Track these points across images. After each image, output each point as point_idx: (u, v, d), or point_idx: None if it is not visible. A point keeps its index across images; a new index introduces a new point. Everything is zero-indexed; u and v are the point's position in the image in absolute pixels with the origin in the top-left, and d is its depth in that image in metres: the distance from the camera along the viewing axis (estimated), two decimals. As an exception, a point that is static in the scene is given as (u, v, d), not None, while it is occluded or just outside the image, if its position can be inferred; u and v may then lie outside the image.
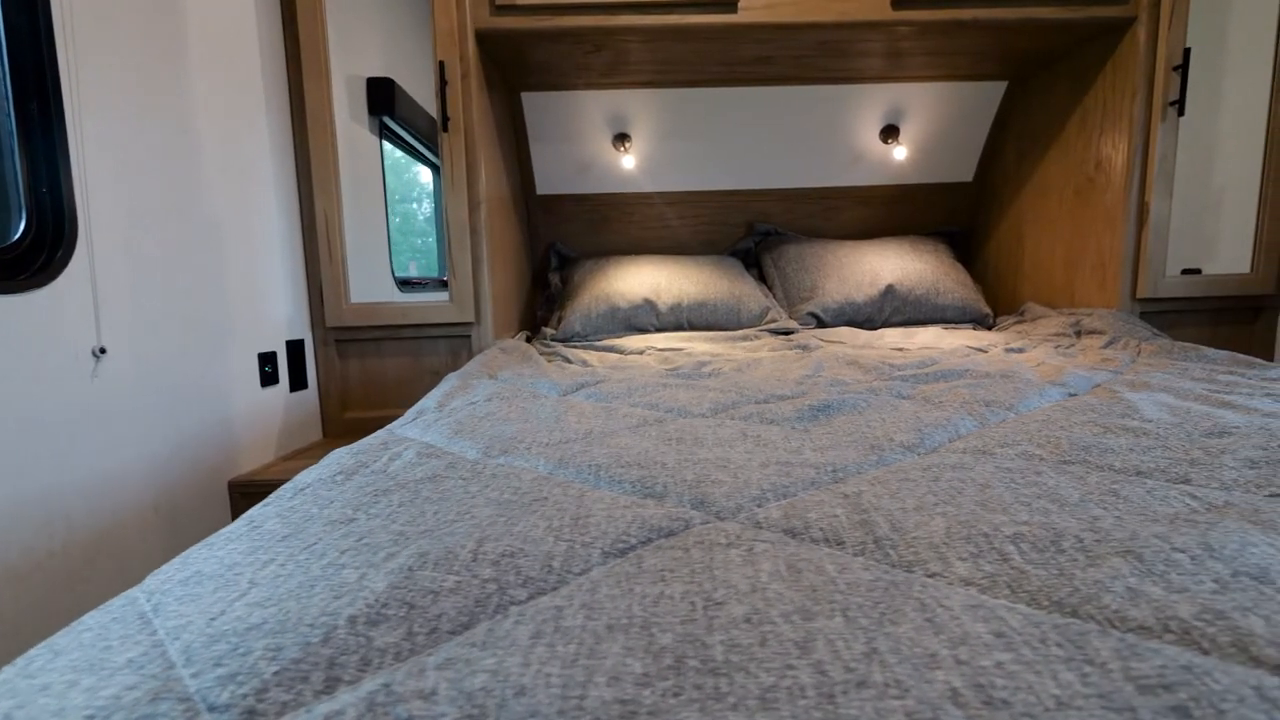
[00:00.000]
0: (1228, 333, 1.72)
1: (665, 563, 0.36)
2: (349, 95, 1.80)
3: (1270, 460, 0.55)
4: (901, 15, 1.55)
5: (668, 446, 0.65)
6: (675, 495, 0.49)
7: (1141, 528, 0.40)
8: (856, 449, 0.64)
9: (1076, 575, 0.34)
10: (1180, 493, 0.48)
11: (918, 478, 0.52)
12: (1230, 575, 0.34)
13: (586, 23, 1.52)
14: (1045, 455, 0.60)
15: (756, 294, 2.03)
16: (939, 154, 2.20)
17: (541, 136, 2.08)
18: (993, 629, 0.29)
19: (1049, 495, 0.47)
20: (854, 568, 0.35)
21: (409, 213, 2.20)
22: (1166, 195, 1.59)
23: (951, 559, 0.36)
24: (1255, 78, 1.64)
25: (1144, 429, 0.67)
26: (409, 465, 0.60)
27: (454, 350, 1.62)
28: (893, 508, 0.44)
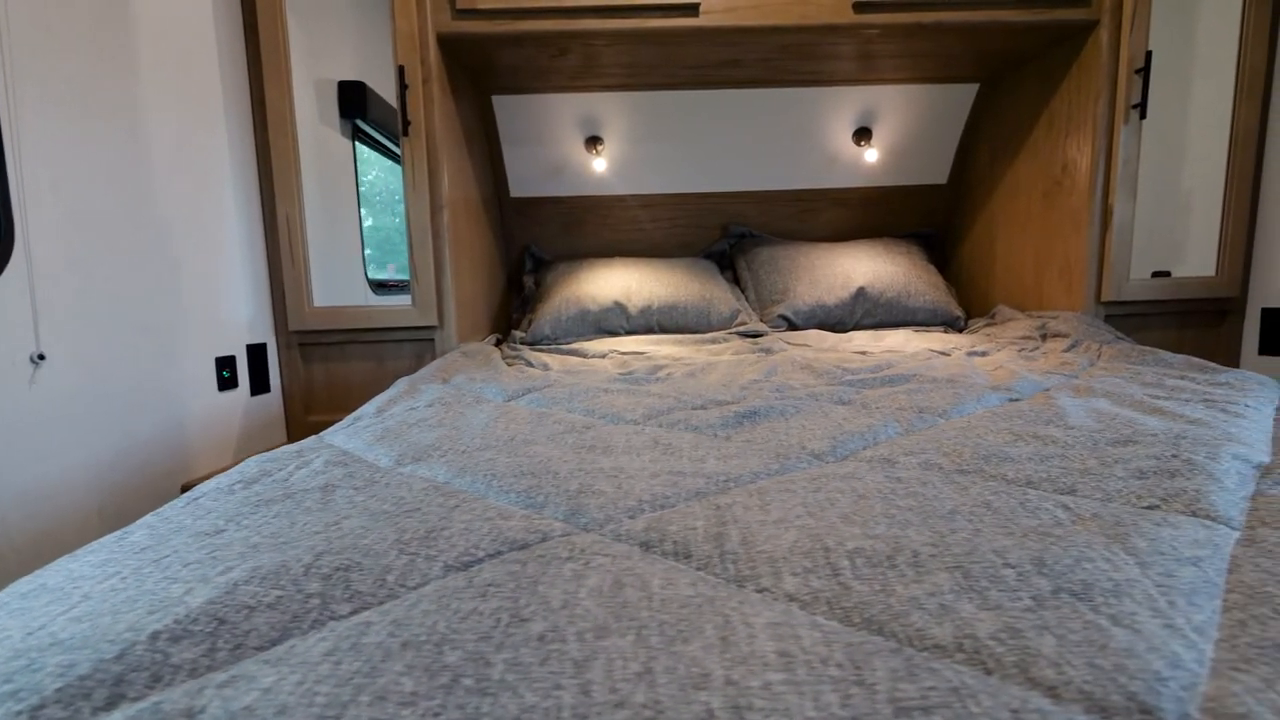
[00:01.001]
0: (1194, 335, 1.71)
1: (498, 577, 0.36)
2: (318, 99, 1.80)
3: (1160, 470, 0.54)
4: (862, 18, 1.55)
5: (575, 455, 0.65)
6: (553, 506, 0.49)
7: (988, 541, 0.40)
8: (762, 457, 0.64)
9: (897, 591, 0.34)
10: (1056, 504, 0.48)
11: (803, 488, 0.52)
12: (1051, 592, 0.34)
13: (548, 27, 1.52)
14: (945, 464, 0.60)
15: (727, 297, 2.03)
16: (913, 156, 2.20)
17: (514, 139, 2.08)
18: (781, 648, 0.29)
19: (920, 507, 0.47)
20: (681, 583, 0.35)
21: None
22: (1130, 198, 1.59)
23: (784, 574, 0.36)
24: (1222, 81, 1.64)
25: (1056, 437, 0.67)
26: (311, 474, 0.60)
27: (418, 353, 1.62)
28: (754, 520, 0.44)
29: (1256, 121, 1.57)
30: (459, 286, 1.64)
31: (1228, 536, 0.43)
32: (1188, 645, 0.30)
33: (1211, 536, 0.42)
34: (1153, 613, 0.32)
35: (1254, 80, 1.56)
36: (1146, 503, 0.49)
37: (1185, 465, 0.55)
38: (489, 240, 2.04)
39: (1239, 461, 0.57)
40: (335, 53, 1.89)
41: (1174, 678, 0.27)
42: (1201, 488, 0.50)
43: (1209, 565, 0.38)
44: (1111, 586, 0.34)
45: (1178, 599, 0.34)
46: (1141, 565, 0.37)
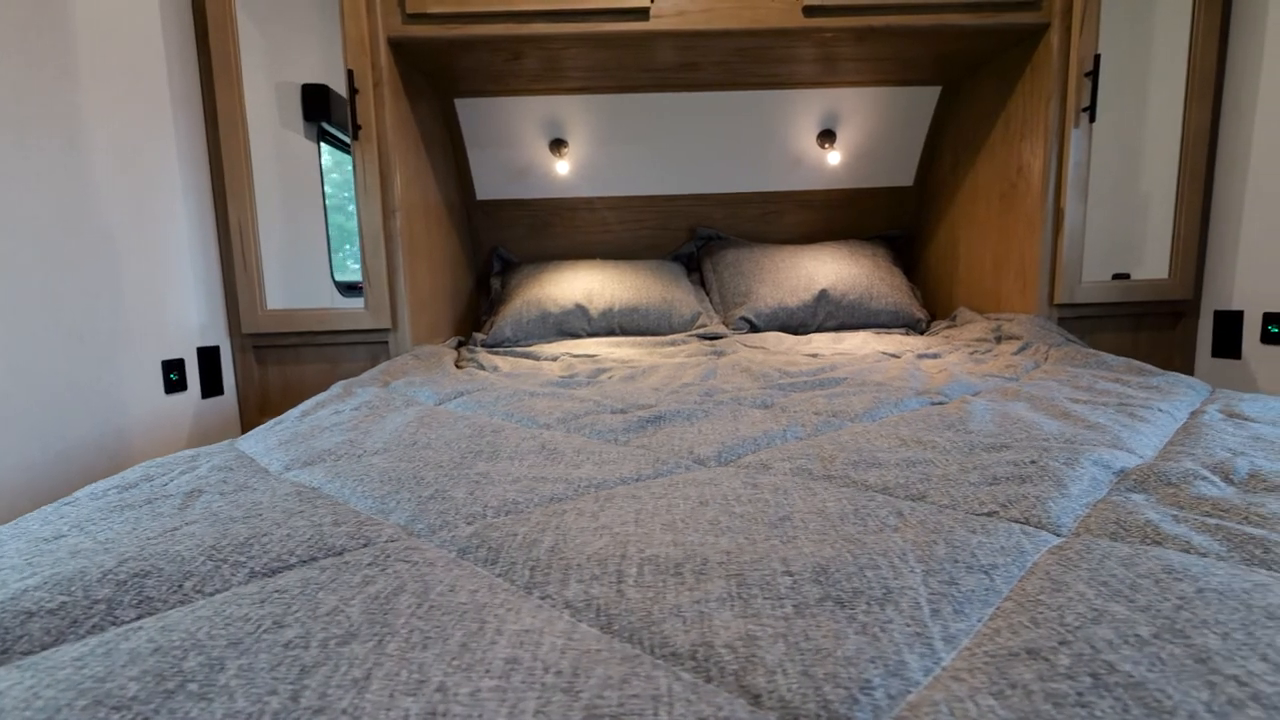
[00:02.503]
0: (1149, 338, 1.72)
1: (291, 584, 0.37)
2: (280, 102, 1.80)
3: (1013, 476, 0.55)
4: (813, 23, 1.56)
5: (458, 459, 0.65)
6: (400, 511, 0.50)
7: (789, 549, 0.40)
8: (641, 463, 0.64)
9: (665, 599, 0.34)
10: (893, 510, 0.48)
11: (652, 494, 0.53)
12: (817, 600, 0.34)
13: (498, 31, 1.53)
14: (815, 470, 0.60)
15: (689, 299, 2.03)
16: (878, 158, 2.20)
17: (478, 142, 2.09)
18: (512, 655, 0.29)
19: (754, 514, 0.47)
20: (465, 590, 0.36)
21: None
22: (1081, 201, 1.59)
23: (571, 581, 0.37)
24: (1177, 84, 1.64)
25: (939, 443, 0.68)
26: (191, 479, 0.61)
27: (373, 356, 1.63)
28: (576, 527, 0.45)
29: (1207, 125, 1.58)
30: (414, 289, 1.65)
31: (1045, 543, 0.44)
32: (924, 654, 0.30)
33: (1023, 543, 0.43)
34: (909, 621, 0.33)
35: (1204, 84, 1.56)
36: (987, 509, 0.50)
37: (1039, 471, 0.55)
38: (453, 243, 2.05)
39: (1099, 467, 0.58)
40: (298, 56, 1.89)
41: (884, 687, 0.28)
42: (1043, 494, 0.51)
43: (1001, 573, 0.39)
44: (882, 594, 0.35)
45: (945, 607, 0.34)
46: (928, 573, 0.37)
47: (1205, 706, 0.26)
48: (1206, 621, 0.32)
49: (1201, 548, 0.41)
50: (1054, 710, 0.26)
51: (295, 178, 1.87)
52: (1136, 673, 0.28)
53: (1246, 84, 1.53)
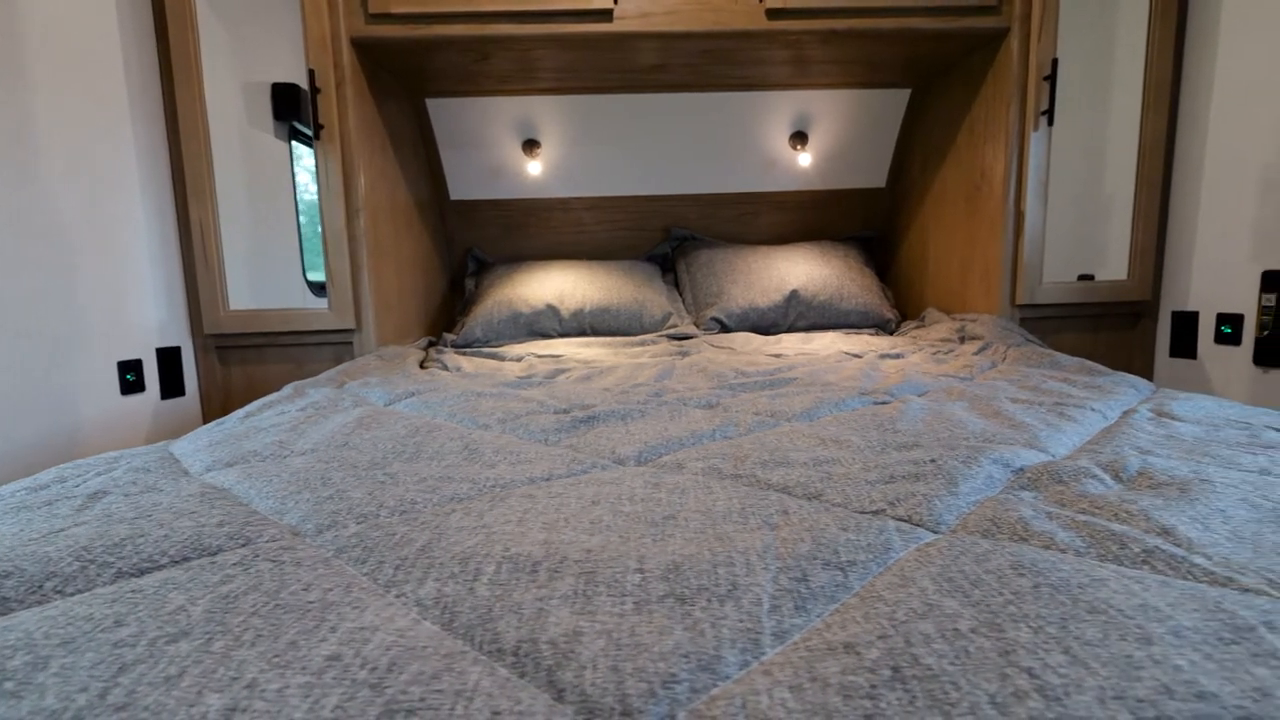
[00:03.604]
0: (1109, 338, 1.73)
1: (150, 584, 0.38)
2: (248, 102, 1.80)
3: (910, 475, 0.56)
4: (776, 25, 1.57)
5: (374, 460, 0.66)
6: (295, 512, 0.51)
7: (655, 546, 0.41)
8: (558, 462, 0.65)
9: (511, 597, 0.35)
10: (781, 509, 0.49)
11: (557, 493, 0.53)
12: (659, 596, 0.35)
13: (462, 31, 1.53)
14: (725, 469, 0.61)
15: (661, 300, 2.04)
16: (851, 160, 2.21)
17: (451, 143, 2.09)
18: (336, 652, 0.30)
19: (639, 514, 0.48)
20: (319, 589, 0.37)
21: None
22: (1041, 204, 1.61)
23: (430, 580, 0.38)
24: (1136, 90, 1.65)
25: (855, 443, 0.68)
26: (104, 480, 0.61)
27: (338, 357, 1.63)
28: (459, 526, 0.45)
29: (1163, 132, 1.59)
30: (380, 289, 1.65)
31: (918, 541, 0.44)
32: (746, 650, 0.31)
33: (893, 541, 0.43)
34: (743, 617, 0.33)
35: (1160, 91, 1.57)
36: (874, 507, 0.50)
37: (935, 470, 0.56)
38: (424, 243, 2.05)
39: (998, 466, 0.59)
40: (268, 55, 1.89)
41: (690, 681, 0.28)
42: (931, 493, 0.51)
43: (858, 570, 0.39)
44: (726, 591, 0.36)
45: (786, 604, 0.35)
46: (782, 570, 0.38)
47: (989, 698, 0.27)
48: (1027, 616, 0.32)
49: (1063, 544, 0.42)
50: (842, 702, 0.27)
51: (265, 177, 1.87)
52: (937, 666, 0.29)
53: (1200, 93, 1.54)
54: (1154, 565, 0.39)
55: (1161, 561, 0.39)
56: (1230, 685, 0.27)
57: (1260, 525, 0.44)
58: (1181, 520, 0.44)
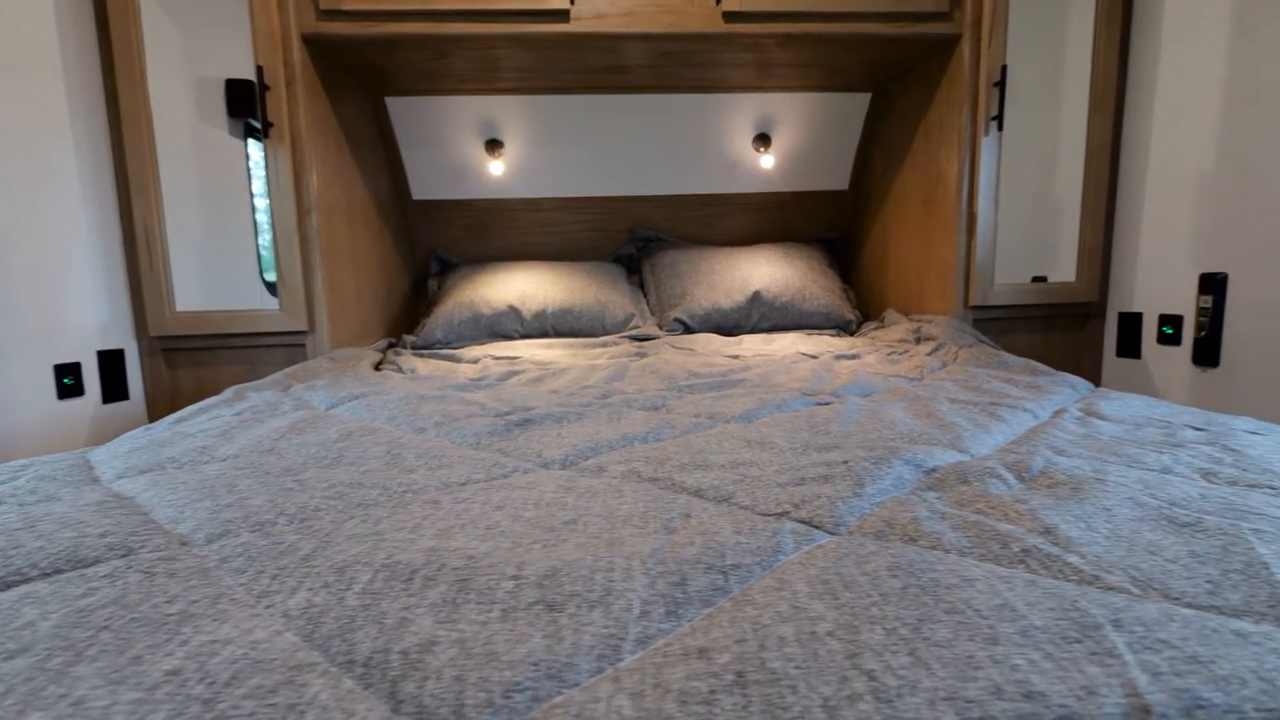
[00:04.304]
0: (1060, 338, 1.77)
1: (10, 598, 0.36)
2: (199, 98, 1.76)
3: (820, 476, 0.56)
4: (733, 28, 1.57)
5: (292, 466, 0.65)
6: (189, 521, 0.50)
7: (543, 551, 0.41)
8: (479, 466, 0.64)
9: (380, 606, 0.35)
10: (683, 513, 0.49)
11: (465, 498, 0.53)
12: (529, 604, 0.35)
13: (416, 30, 1.52)
14: (643, 472, 0.61)
15: (624, 301, 2.04)
16: (814, 162, 2.23)
17: (412, 142, 2.07)
18: (178, 667, 0.29)
19: (542, 518, 0.48)
20: (184, 600, 0.36)
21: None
22: (992, 207, 1.63)
23: (304, 589, 0.37)
24: (1084, 95, 1.69)
25: (779, 444, 0.69)
26: (5, 489, 0.59)
27: (291, 359, 1.60)
28: (350, 534, 0.45)
29: (1109, 136, 1.63)
30: (334, 290, 1.62)
31: (812, 543, 0.45)
32: (603, 657, 0.31)
33: (785, 544, 0.44)
34: (609, 624, 0.33)
35: (1105, 96, 1.61)
36: (779, 510, 0.51)
37: (845, 471, 0.56)
38: (385, 243, 2.03)
39: (909, 467, 0.59)
40: (221, 51, 1.85)
41: (534, 690, 0.28)
42: (836, 495, 0.52)
43: (741, 574, 0.39)
44: (599, 597, 0.35)
45: (658, 609, 0.35)
46: (662, 574, 0.38)
47: (823, 702, 0.27)
48: (886, 617, 0.33)
49: (948, 544, 0.43)
50: (678, 709, 0.27)
51: (219, 175, 1.83)
52: (782, 669, 0.29)
53: (1143, 99, 1.58)
54: (1029, 564, 0.40)
55: (1036, 561, 0.40)
56: (1060, 685, 0.27)
57: (1140, 524, 0.45)
58: (1065, 519, 0.45)
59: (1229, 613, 0.34)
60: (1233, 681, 0.28)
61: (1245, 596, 0.35)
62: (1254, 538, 0.42)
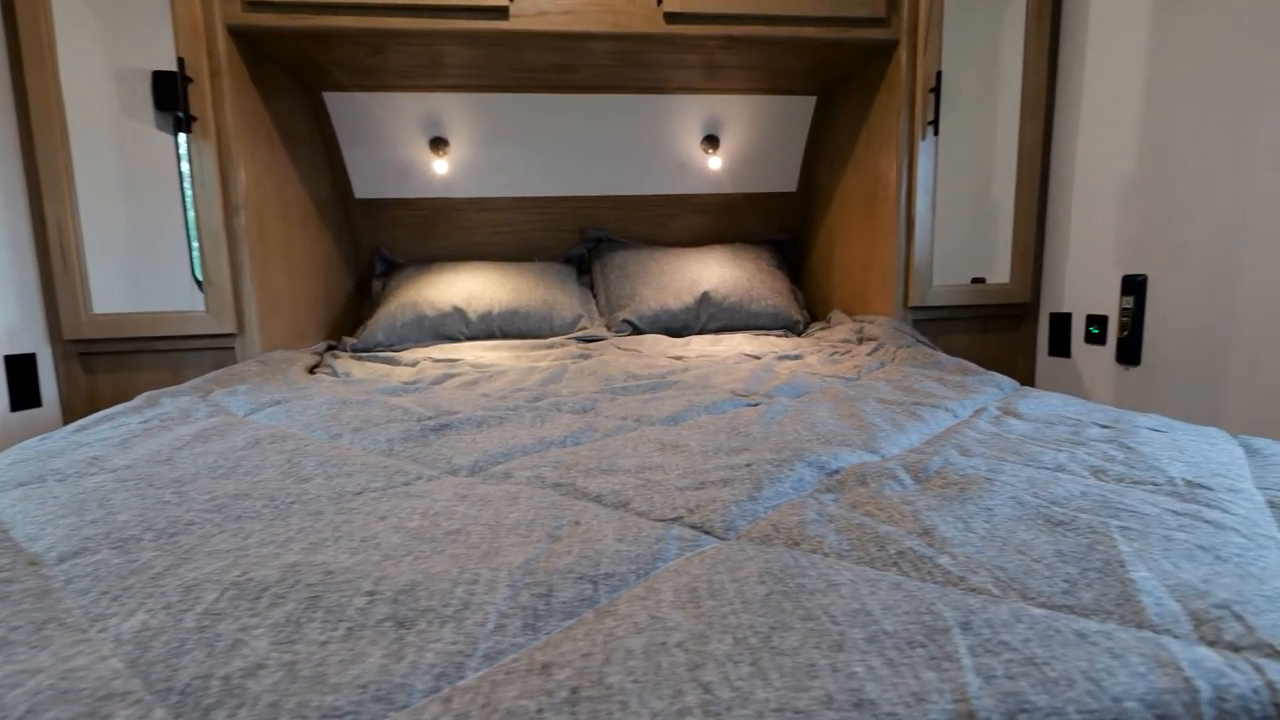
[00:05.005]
0: (996, 338, 1.82)
1: None
2: (122, 90, 1.68)
3: (722, 480, 0.56)
4: (675, 29, 1.57)
5: (182, 477, 0.62)
6: (47, 539, 0.46)
7: (411, 563, 0.39)
8: (380, 474, 0.62)
9: (218, 628, 0.33)
10: (573, 520, 0.48)
11: (351, 509, 0.51)
12: (379, 620, 0.33)
13: (350, 24, 1.47)
14: (548, 478, 0.60)
15: (572, 302, 2.02)
16: (762, 164, 2.25)
17: (353, 139, 2.02)
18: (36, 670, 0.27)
19: (424, 529, 0.46)
20: (7, 625, 0.33)
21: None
22: (930, 210, 1.67)
23: (141, 611, 0.35)
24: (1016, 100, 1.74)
25: (691, 447, 0.68)
26: None
27: (220, 363, 1.54)
28: (219, 548, 0.43)
29: (1040, 141, 1.68)
30: (266, 291, 1.57)
31: (697, 549, 0.44)
32: (444, 675, 0.30)
33: (666, 551, 0.43)
34: (458, 640, 0.32)
35: (1036, 101, 1.66)
36: (673, 515, 0.50)
37: (745, 474, 0.56)
38: (325, 242, 1.97)
39: (812, 469, 0.60)
40: (147, 41, 1.77)
41: (353, 715, 0.27)
42: (731, 499, 0.52)
43: (613, 583, 0.39)
44: (455, 611, 0.34)
45: (515, 622, 0.34)
46: (528, 585, 0.37)
47: (651, 717, 0.26)
48: (740, 626, 0.32)
49: (829, 547, 0.43)
50: (499, 730, 0.26)
51: (145, 171, 1.75)
52: (618, 684, 0.28)
53: (1071, 105, 1.64)
54: (901, 566, 0.40)
55: (909, 563, 0.40)
56: (891, 691, 0.27)
57: (1017, 523, 0.46)
58: (946, 520, 0.46)
59: (1079, 612, 0.35)
60: (1061, 683, 0.28)
61: (1097, 595, 0.36)
62: (1119, 535, 0.43)
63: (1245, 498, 0.52)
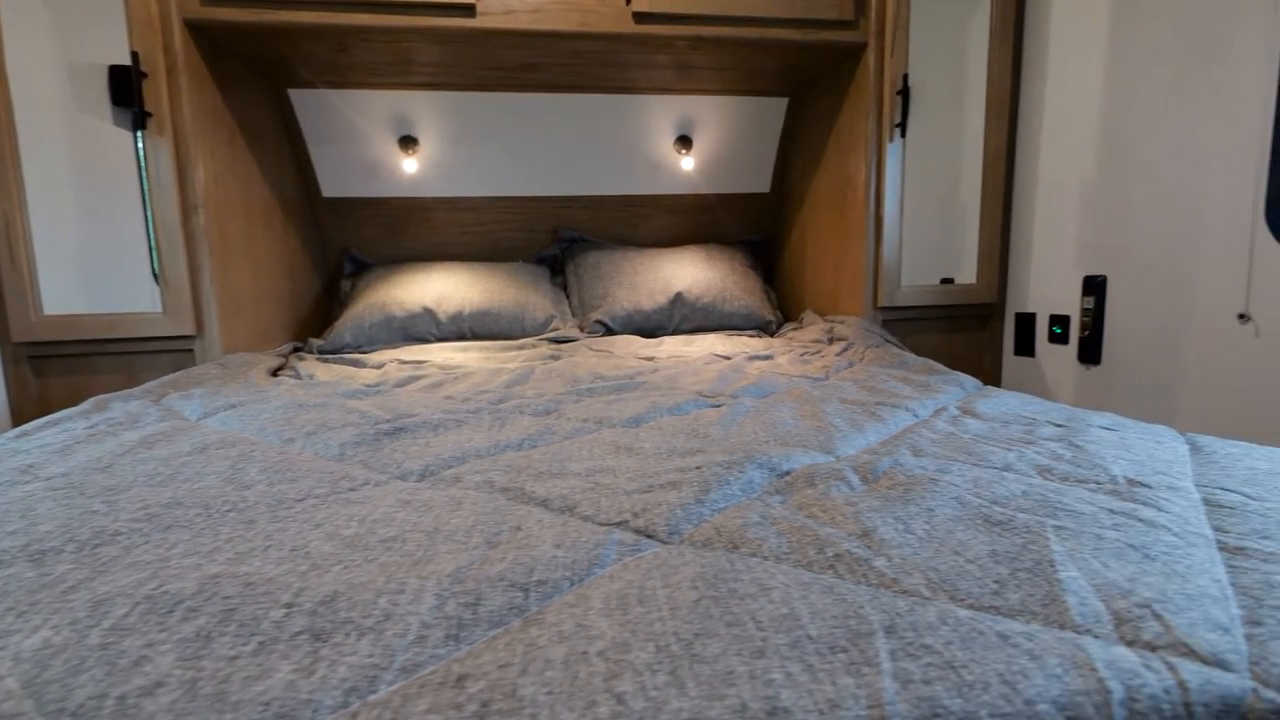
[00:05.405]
0: (964, 338, 1.84)
1: None
2: (76, 85, 1.63)
3: (670, 484, 0.56)
4: (644, 29, 1.57)
5: (118, 485, 0.60)
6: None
7: (339, 571, 0.38)
8: (324, 480, 0.61)
9: (123, 644, 0.32)
10: (514, 525, 0.48)
11: (287, 517, 0.50)
12: (294, 633, 0.32)
13: (313, 19, 1.45)
14: (497, 482, 0.59)
15: (544, 303, 2.01)
16: (734, 165, 2.25)
17: (320, 137, 1.98)
18: None
19: (361, 537, 0.45)
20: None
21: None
22: (898, 211, 1.69)
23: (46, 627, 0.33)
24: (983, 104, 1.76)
25: (645, 449, 0.68)
26: None
27: (178, 365, 1.50)
28: (140, 560, 0.41)
29: (1004, 144, 1.71)
30: (227, 291, 1.53)
31: (636, 554, 0.44)
32: (354, 689, 0.29)
33: (605, 556, 0.42)
34: (375, 653, 0.31)
35: (1000, 106, 1.69)
36: (619, 519, 0.50)
37: (695, 476, 0.56)
38: (291, 242, 1.93)
39: (763, 470, 0.59)
40: (103, 35, 1.72)
41: None
42: (677, 502, 0.51)
43: (545, 590, 0.38)
44: (376, 622, 0.33)
45: (437, 633, 0.33)
46: (456, 594, 0.36)
47: (560, 731, 0.25)
48: (664, 633, 0.32)
49: (768, 550, 0.43)
50: (400, 748, 0.25)
51: (103, 168, 1.70)
52: (531, 696, 0.27)
53: (1034, 110, 1.67)
54: (837, 569, 0.40)
55: (845, 565, 0.40)
56: (807, 699, 0.27)
57: (956, 524, 0.46)
58: (887, 521, 0.46)
59: (1005, 613, 0.35)
60: (976, 687, 0.28)
61: (1024, 596, 0.36)
62: (1053, 535, 0.43)
63: (1182, 495, 0.53)
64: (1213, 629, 0.32)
